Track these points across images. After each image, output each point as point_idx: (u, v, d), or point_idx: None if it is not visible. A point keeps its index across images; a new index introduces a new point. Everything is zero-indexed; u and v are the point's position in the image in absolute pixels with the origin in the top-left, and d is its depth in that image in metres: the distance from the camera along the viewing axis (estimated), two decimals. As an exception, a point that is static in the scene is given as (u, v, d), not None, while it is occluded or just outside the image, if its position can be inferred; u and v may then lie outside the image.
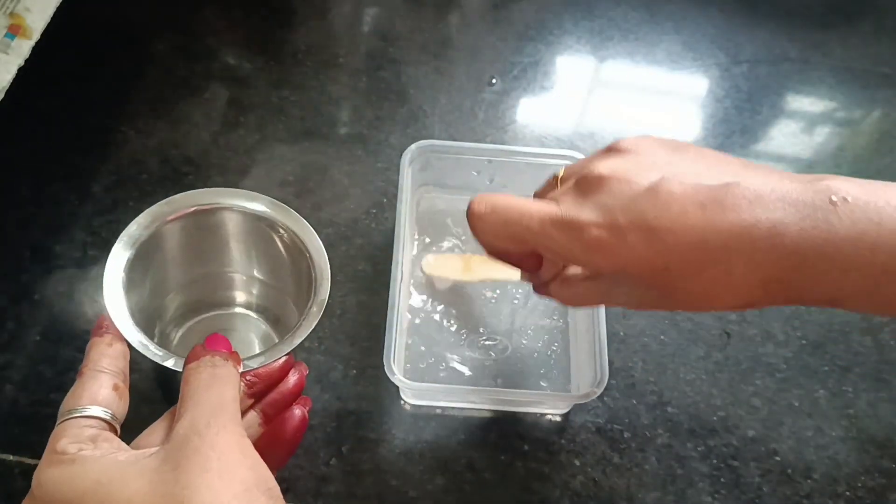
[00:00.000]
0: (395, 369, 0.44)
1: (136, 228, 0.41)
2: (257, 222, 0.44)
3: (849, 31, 0.72)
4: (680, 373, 0.51)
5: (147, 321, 0.43)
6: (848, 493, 0.47)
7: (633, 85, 0.68)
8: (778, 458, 0.48)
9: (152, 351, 0.37)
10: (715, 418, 0.50)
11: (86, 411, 0.32)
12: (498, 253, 0.38)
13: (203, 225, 0.43)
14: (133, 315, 0.38)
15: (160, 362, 0.37)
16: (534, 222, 0.34)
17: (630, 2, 0.72)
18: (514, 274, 0.43)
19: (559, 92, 0.66)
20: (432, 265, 0.54)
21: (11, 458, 0.45)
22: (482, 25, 0.69)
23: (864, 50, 0.70)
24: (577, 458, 0.48)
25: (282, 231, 0.43)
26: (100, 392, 0.33)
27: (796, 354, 0.53)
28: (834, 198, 0.29)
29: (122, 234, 0.40)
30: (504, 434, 0.48)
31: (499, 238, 0.36)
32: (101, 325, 0.36)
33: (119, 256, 0.40)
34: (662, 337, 0.53)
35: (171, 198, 0.42)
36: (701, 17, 0.71)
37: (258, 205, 0.43)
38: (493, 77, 0.65)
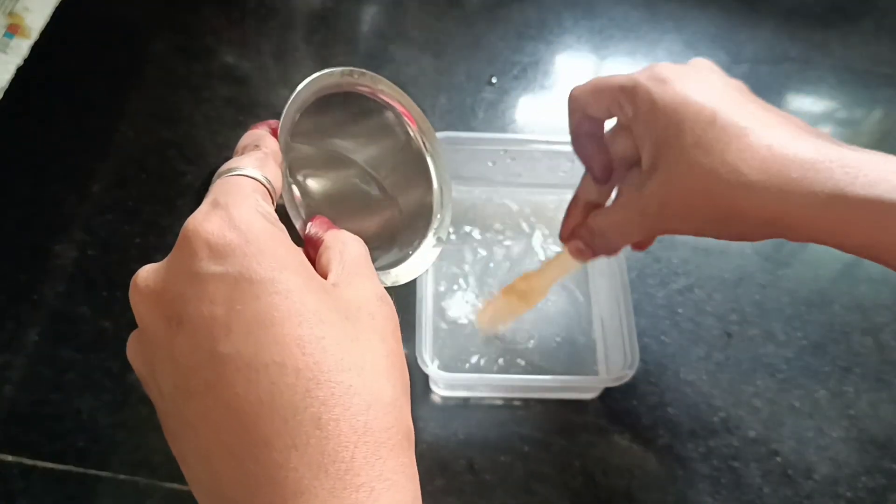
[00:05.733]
0: (428, 360, 0.45)
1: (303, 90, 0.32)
2: (403, 133, 0.40)
3: (849, 30, 0.72)
4: (680, 373, 0.51)
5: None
6: (849, 494, 0.47)
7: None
8: (779, 459, 0.48)
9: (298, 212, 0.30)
10: (715, 419, 0.50)
11: (259, 177, 0.27)
12: (580, 125, 0.42)
13: (359, 109, 0.38)
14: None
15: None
16: (623, 76, 0.38)
17: (631, 0, 0.72)
18: (566, 265, 0.45)
19: (559, 91, 0.65)
20: (487, 319, 0.51)
21: (11, 458, 0.45)
22: (482, 25, 0.69)
23: (864, 49, 0.70)
24: (578, 458, 0.48)
25: (414, 137, 0.40)
26: (268, 167, 0.28)
27: (797, 355, 0.53)
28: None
29: (291, 99, 0.31)
30: (504, 434, 0.48)
31: (586, 95, 0.40)
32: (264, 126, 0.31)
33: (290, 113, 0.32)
34: (663, 337, 0.53)
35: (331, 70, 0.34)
36: (702, 17, 0.71)
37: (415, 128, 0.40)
38: (493, 76, 0.65)
